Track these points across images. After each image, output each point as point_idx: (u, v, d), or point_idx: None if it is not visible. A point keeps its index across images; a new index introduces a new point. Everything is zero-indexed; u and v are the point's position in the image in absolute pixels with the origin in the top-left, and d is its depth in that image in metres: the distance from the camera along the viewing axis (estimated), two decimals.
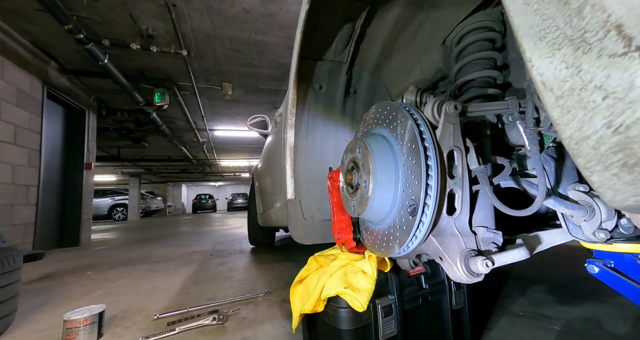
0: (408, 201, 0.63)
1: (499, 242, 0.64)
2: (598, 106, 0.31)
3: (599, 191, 0.36)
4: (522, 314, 1.24)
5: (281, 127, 1.46)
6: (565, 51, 0.32)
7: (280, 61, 4.16)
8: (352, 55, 1.24)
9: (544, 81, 0.35)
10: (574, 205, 0.59)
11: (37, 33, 3.33)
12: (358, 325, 0.73)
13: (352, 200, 0.78)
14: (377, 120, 0.79)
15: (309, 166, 1.31)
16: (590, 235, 0.58)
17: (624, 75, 0.28)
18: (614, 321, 1.16)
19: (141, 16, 3.13)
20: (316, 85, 1.30)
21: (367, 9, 1.05)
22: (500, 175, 0.65)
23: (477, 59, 0.91)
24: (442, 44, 1.08)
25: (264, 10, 3.12)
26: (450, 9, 0.97)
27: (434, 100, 0.66)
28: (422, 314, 0.85)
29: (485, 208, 0.67)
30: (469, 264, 0.57)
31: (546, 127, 0.61)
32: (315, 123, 1.32)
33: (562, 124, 0.34)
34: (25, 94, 3.46)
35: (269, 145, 2.38)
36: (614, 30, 0.28)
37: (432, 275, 0.89)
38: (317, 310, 0.78)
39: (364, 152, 0.72)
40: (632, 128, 0.29)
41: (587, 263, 0.70)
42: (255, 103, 5.84)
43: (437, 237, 0.61)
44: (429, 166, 0.59)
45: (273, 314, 1.32)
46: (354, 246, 0.87)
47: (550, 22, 0.33)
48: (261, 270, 2.19)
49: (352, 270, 0.80)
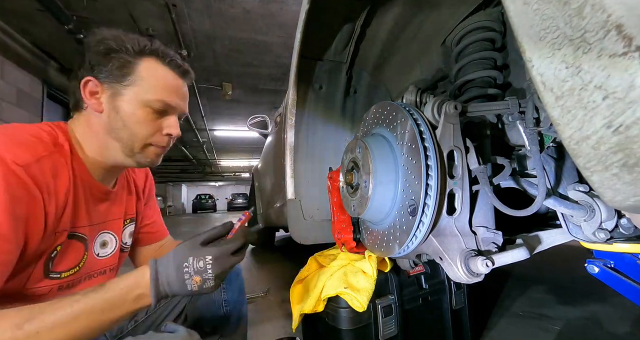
0: (408, 201, 0.63)
1: (499, 242, 0.64)
2: (598, 106, 0.31)
3: (599, 191, 0.36)
4: (522, 314, 1.24)
5: (281, 127, 1.46)
6: (565, 51, 0.32)
7: (280, 61, 4.16)
8: (352, 55, 1.24)
9: (544, 81, 0.35)
10: (574, 205, 0.59)
11: (37, 33, 3.33)
12: (358, 325, 0.73)
13: (352, 200, 0.78)
14: (377, 120, 0.79)
15: (309, 166, 1.30)
16: (590, 235, 0.58)
17: (624, 75, 0.28)
18: (614, 321, 1.16)
19: (141, 16, 3.13)
20: (316, 85, 1.30)
21: (367, 9, 1.05)
22: (500, 175, 0.65)
23: (477, 59, 0.91)
24: (442, 44, 1.08)
25: (264, 10, 3.12)
26: (450, 9, 0.97)
27: (434, 100, 0.66)
28: (422, 314, 0.85)
29: (485, 208, 0.67)
30: (469, 264, 0.57)
31: (546, 127, 0.61)
32: (315, 123, 1.32)
33: (562, 124, 0.34)
34: (25, 94, 3.47)
35: (269, 145, 2.38)
36: (614, 30, 0.28)
37: (432, 275, 0.89)
38: (317, 311, 0.78)
39: (364, 152, 0.72)
40: (632, 128, 0.29)
41: (587, 263, 0.70)
42: (255, 103, 5.84)
43: (437, 237, 0.61)
44: (429, 166, 0.59)
45: (273, 313, 1.32)
46: (354, 246, 0.87)
47: (550, 22, 0.33)
48: (261, 270, 2.18)
49: (352, 270, 0.81)
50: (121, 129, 0.62)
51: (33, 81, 3.58)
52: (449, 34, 1.02)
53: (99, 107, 0.61)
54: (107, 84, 0.61)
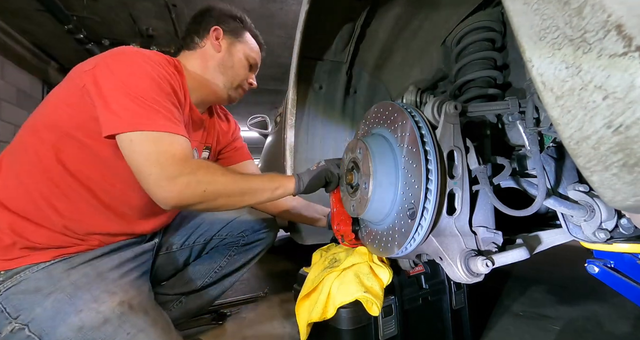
0: (407, 204, 0.63)
1: (499, 242, 0.64)
2: (598, 106, 0.31)
3: (599, 191, 0.36)
4: (522, 314, 1.24)
5: (281, 127, 1.46)
6: (565, 51, 0.32)
7: (280, 61, 4.16)
8: (352, 55, 1.24)
9: (544, 81, 0.35)
10: (574, 205, 0.59)
11: (37, 33, 3.33)
12: (358, 325, 0.73)
13: (351, 200, 0.78)
14: (377, 120, 0.79)
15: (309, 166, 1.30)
16: (590, 235, 0.58)
17: (624, 75, 0.28)
18: (614, 321, 1.16)
19: (141, 16, 3.13)
20: (316, 85, 1.30)
21: (367, 9, 1.05)
22: (500, 175, 0.65)
23: (477, 59, 0.91)
24: (442, 44, 1.08)
25: (264, 10, 3.12)
26: (450, 9, 0.97)
27: (434, 100, 0.66)
28: (422, 314, 0.85)
29: (485, 208, 0.67)
30: (469, 264, 0.57)
31: (546, 127, 0.61)
32: (315, 123, 1.32)
33: (562, 124, 0.34)
34: (25, 94, 3.47)
35: (269, 145, 2.38)
36: (614, 30, 0.28)
37: (432, 275, 0.88)
38: (326, 317, 0.74)
39: (364, 153, 0.72)
40: (632, 128, 0.29)
41: (587, 263, 0.70)
42: (255, 103, 5.84)
43: (437, 237, 0.61)
44: (429, 170, 0.59)
45: (273, 314, 1.32)
46: (352, 238, 0.86)
47: (550, 22, 0.33)
48: (261, 270, 2.19)
49: (363, 271, 0.78)
50: (230, 68, 0.89)
51: (33, 81, 3.58)
52: (449, 34, 1.02)
53: (219, 48, 0.88)
54: (227, 34, 0.89)
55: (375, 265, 0.79)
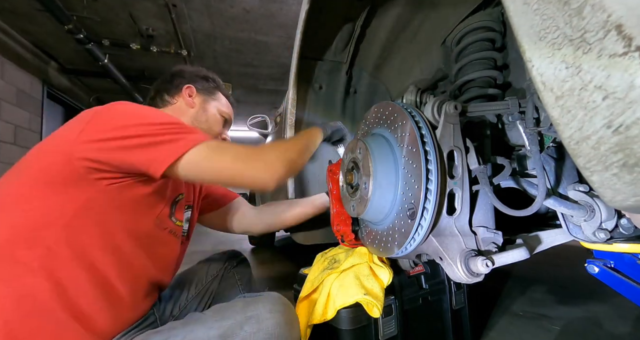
0: (407, 204, 0.62)
1: (499, 242, 0.64)
2: (598, 106, 0.31)
3: (599, 191, 0.36)
4: (522, 314, 1.24)
5: (281, 127, 1.46)
6: (565, 51, 0.32)
7: (280, 61, 4.16)
8: (352, 55, 1.24)
9: (544, 81, 0.35)
10: (574, 205, 0.59)
11: (37, 33, 3.33)
12: (358, 325, 0.73)
13: (351, 200, 0.78)
14: (377, 120, 0.79)
15: (309, 166, 1.31)
16: (590, 235, 0.58)
17: (624, 75, 0.28)
18: (614, 321, 1.16)
19: (141, 16, 3.13)
20: (316, 85, 1.30)
21: (367, 9, 1.05)
22: (500, 175, 0.65)
23: (477, 59, 0.91)
24: (442, 44, 1.07)
25: (264, 10, 3.12)
26: (450, 9, 0.97)
27: (434, 100, 0.66)
28: (422, 314, 0.85)
29: (485, 208, 0.67)
30: (469, 264, 0.57)
31: (546, 127, 0.61)
32: (315, 123, 1.32)
33: (562, 124, 0.34)
34: (25, 94, 3.47)
35: None
36: (614, 30, 0.28)
37: (432, 275, 0.88)
38: (326, 319, 0.73)
39: (364, 153, 0.72)
40: (632, 128, 0.29)
41: (587, 263, 0.70)
42: (255, 103, 5.84)
43: (437, 237, 0.61)
44: (429, 170, 0.59)
45: None
46: (352, 238, 0.86)
47: (550, 22, 0.33)
48: (261, 270, 2.19)
49: (363, 273, 0.77)
50: (204, 122, 0.89)
51: (33, 81, 3.58)
52: (449, 34, 1.02)
53: (192, 104, 0.88)
54: (200, 92, 0.90)
55: (376, 266, 0.79)
